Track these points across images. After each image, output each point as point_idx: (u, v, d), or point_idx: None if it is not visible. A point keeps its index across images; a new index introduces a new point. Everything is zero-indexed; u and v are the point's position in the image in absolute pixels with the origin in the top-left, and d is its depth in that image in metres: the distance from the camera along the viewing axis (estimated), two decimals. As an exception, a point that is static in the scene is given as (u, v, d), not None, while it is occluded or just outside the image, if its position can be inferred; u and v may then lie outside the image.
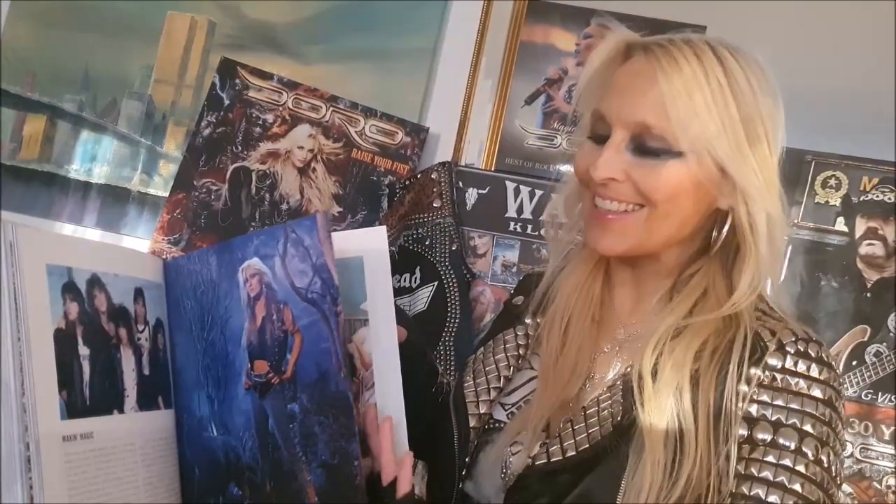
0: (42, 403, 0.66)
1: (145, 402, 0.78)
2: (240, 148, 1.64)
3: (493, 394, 0.93)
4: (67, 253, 0.72)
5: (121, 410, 0.75)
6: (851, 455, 1.43)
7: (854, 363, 1.45)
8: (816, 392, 0.77)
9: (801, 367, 0.78)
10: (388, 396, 0.82)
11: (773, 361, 0.78)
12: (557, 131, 1.64)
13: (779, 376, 0.78)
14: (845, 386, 1.44)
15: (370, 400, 0.82)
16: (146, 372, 0.79)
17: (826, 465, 0.76)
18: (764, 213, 0.81)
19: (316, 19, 1.71)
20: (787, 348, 0.79)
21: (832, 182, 1.49)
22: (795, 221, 1.48)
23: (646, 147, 0.81)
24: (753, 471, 0.76)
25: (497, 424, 0.92)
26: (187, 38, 1.74)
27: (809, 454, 0.76)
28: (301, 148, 1.64)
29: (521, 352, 0.97)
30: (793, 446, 0.76)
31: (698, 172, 0.80)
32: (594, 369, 0.90)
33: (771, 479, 0.75)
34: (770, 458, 0.76)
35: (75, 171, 1.73)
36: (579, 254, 0.95)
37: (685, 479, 0.76)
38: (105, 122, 1.74)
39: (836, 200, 1.49)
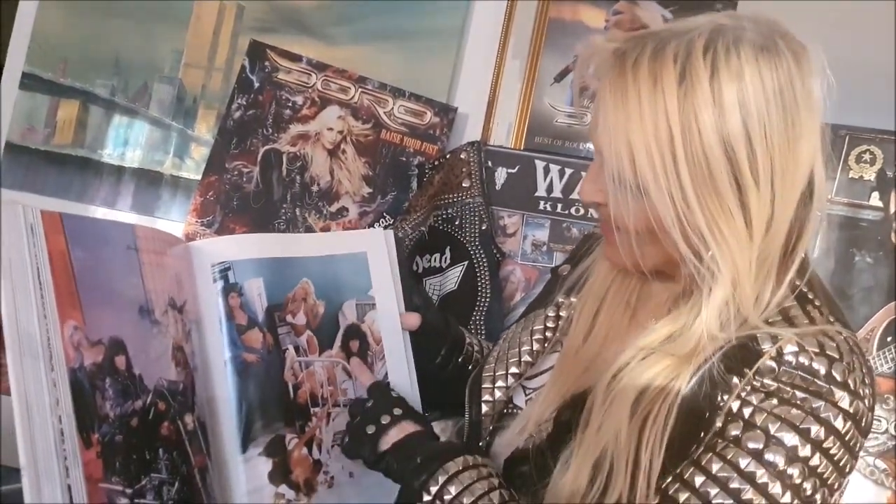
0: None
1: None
2: (270, 130, 1.65)
3: (510, 380, 0.91)
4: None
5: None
6: (886, 431, 1.42)
7: (889, 339, 1.44)
8: (813, 407, 0.68)
9: (800, 379, 0.69)
10: (395, 364, 0.97)
11: (768, 365, 0.69)
12: (587, 109, 1.63)
13: (772, 384, 0.69)
14: (880, 362, 1.43)
15: (382, 368, 0.96)
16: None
17: (795, 483, 0.67)
18: (721, 292, 0.71)
19: (343, 1, 1.71)
20: (786, 357, 0.69)
21: (867, 157, 1.48)
22: (829, 197, 1.46)
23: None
24: (702, 459, 0.69)
25: (514, 410, 0.90)
26: (216, 22, 1.75)
27: (779, 464, 0.67)
28: (331, 129, 1.65)
29: (547, 334, 0.93)
30: (757, 447, 0.67)
31: (657, 211, 0.70)
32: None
33: (713, 472, 0.68)
34: (726, 453, 0.68)
35: (108, 155, 1.75)
36: None
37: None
38: (137, 106, 1.76)
39: (870, 175, 1.47)
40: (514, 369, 0.91)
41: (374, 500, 0.90)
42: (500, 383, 0.91)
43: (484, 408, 0.90)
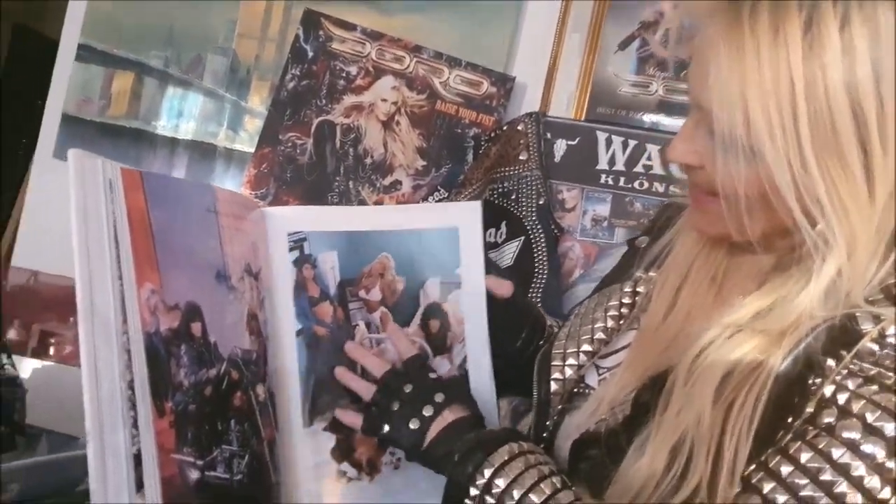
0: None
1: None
2: (324, 101, 1.63)
3: (582, 358, 0.86)
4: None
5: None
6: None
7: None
8: None
9: None
10: (475, 347, 0.92)
11: (869, 347, 0.64)
12: (654, 77, 1.56)
13: (872, 368, 0.63)
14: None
15: (462, 351, 0.91)
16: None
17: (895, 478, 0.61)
18: (835, 263, 0.65)
19: (399, -32, 1.67)
20: (889, 339, 0.64)
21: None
22: None
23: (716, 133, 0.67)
24: (791, 447, 0.64)
25: (586, 390, 0.85)
26: (269, -8, 1.72)
27: (877, 456, 0.61)
28: (385, 101, 1.62)
29: (623, 311, 0.87)
30: (853, 437, 0.62)
31: (772, 175, 0.64)
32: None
33: (802, 462, 0.63)
34: (818, 442, 0.63)
35: (162, 127, 1.75)
36: None
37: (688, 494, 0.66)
38: (190, 77, 1.74)
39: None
40: (586, 347, 0.86)
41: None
42: (570, 361, 0.86)
43: (553, 386, 0.86)
